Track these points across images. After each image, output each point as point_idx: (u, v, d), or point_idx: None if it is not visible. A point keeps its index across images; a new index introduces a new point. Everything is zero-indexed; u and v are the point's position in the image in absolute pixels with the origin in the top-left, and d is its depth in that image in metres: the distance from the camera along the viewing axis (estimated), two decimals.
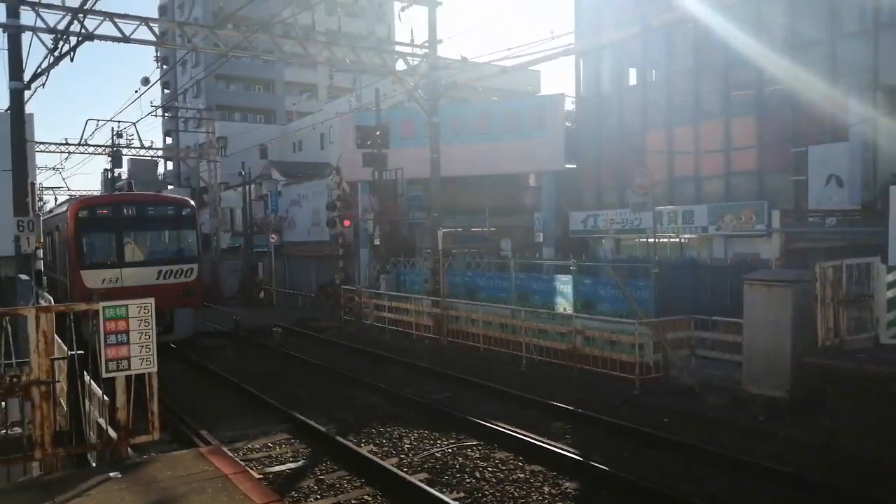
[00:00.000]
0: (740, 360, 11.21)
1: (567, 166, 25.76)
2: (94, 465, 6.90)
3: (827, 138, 17.76)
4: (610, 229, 23.74)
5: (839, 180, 16.92)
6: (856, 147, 16.22)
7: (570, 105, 29.22)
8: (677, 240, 21.71)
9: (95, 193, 71.67)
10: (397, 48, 20.50)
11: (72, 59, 15.88)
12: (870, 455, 8.53)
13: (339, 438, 9.91)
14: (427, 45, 19.47)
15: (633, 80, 25.00)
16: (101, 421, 6.98)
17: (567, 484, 8.21)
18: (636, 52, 24.18)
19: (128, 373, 6.30)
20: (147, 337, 6.29)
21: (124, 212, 17.89)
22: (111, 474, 5.90)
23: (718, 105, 21.30)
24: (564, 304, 16.08)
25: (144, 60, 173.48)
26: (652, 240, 17.36)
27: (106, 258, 17.49)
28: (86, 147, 36.89)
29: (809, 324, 9.80)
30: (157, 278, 17.69)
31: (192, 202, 20.24)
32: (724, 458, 8.70)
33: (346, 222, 24.64)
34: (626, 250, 23.30)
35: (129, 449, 6.49)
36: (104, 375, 6.26)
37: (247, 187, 35.19)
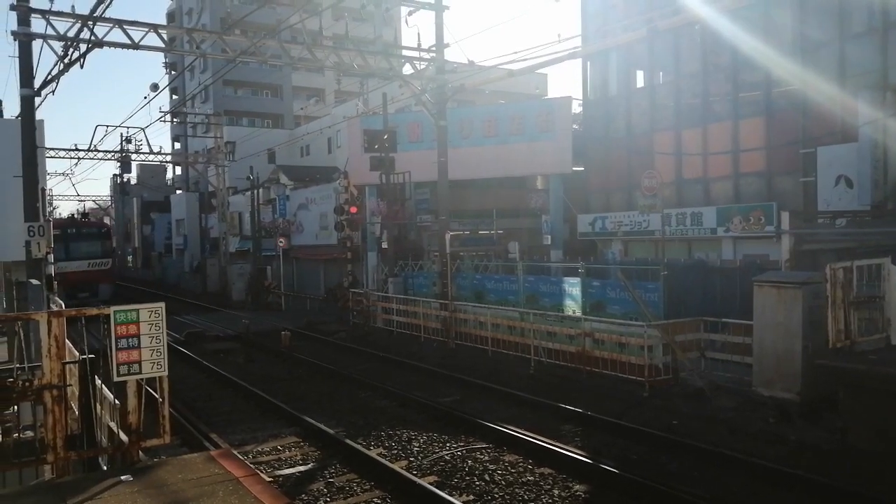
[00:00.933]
0: (750, 362, 11.17)
1: (574, 169, 25.71)
2: (105, 468, 6.94)
3: (836, 139, 17.66)
4: (618, 231, 23.68)
5: (848, 181, 16.83)
6: (865, 148, 16.13)
7: (577, 108, 29.23)
8: (685, 241, 21.63)
9: (105, 198, 71.94)
10: (404, 52, 20.56)
11: (81, 66, 16.00)
12: (883, 457, 8.47)
13: (349, 441, 9.92)
14: (434, 49, 19.51)
15: (640, 83, 24.95)
16: (113, 425, 7.01)
17: (577, 486, 8.19)
18: (643, 55, 24.13)
19: (139, 376, 6.33)
20: (158, 341, 6.31)
21: (69, 231, 32.85)
22: (122, 478, 5.93)
23: (726, 107, 21.22)
24: (573, 307, 16.06)
25: (153, 66, 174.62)
26: (661, 242, 17.30)
27: (59, 257, 26.06)
28: (95, 153, 37.14)
29: (820, 326, 9.75)
30: (88, 267, 32.21)
31: (108, 224, 35.85)
32: (735, 460, 8.66)
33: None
34: (634, 252, 23.24)
35: (140, 452, 6.52)
36: (115, 379, 6.29)
37: (255, 191, 35.30)
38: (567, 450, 9.28)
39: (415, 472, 8.73)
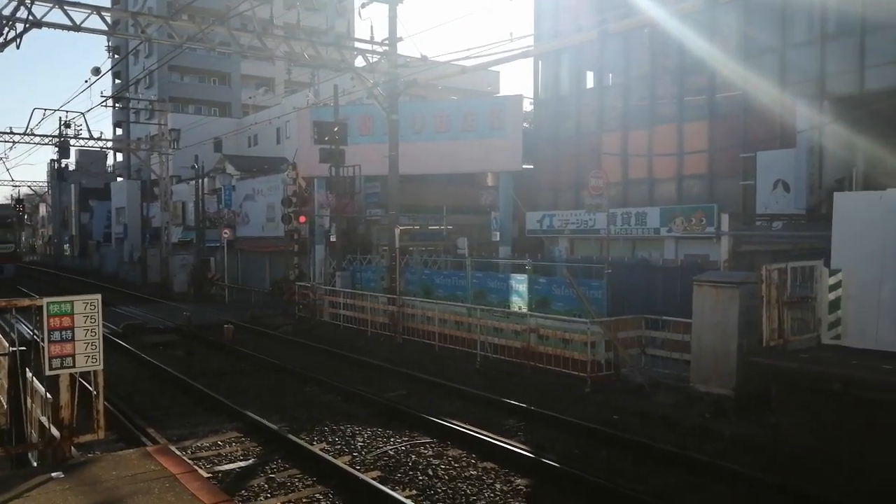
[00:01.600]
0: (689, 359, 11.47)
1: (524, 167, 25.96)
2: (35, 465, 6.70)
3: (776, 144, 18.27)
4: (565, 229, 24.00)
5: (786, 185, 17.43)
6: (802, 153, 16.73)
7: (528, 106, 29.50)
8: (630, 240, 22.08)
9: (41, 184, 69.41)
10: (357, 45, 20.34)
11: (17, 47, 15.32)
12: (811, 452, 8.82)
13: (291, 436, 9.80)
14: (387, 42, 19.38)
15: (590, 84, 25.32)
16: (44, 419, 6.77)
17: (519, 481, 8.28)
18: (594, 56, 24.47)
19: (72, 370, 6.12)
20: (94, 334, 6.12)
21: None
22: (53, 474, 5.73)
23: (672, 109, 21.71)
24: (520, 303, 16.23)
25: (95, 49, 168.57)
26: (606, 240, 17.60)
27: None
28: (32, 136, 35.67)
29: (755, 324, 10.07)
30: None
31: (16, 212, 42.89)
32: (672, 455, 8.89)
33: (302, 218, 24.33)
34: (580, 250, 23.60)
35: (72, 448, 6.31)
36: (48, 373, 6.07)
37: (200, 181, 34.51)
38: (510, 444, 9.38)
39: (358, 468, 8.69)
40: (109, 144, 45.48)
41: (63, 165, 52.61)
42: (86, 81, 45.06)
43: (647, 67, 22.62)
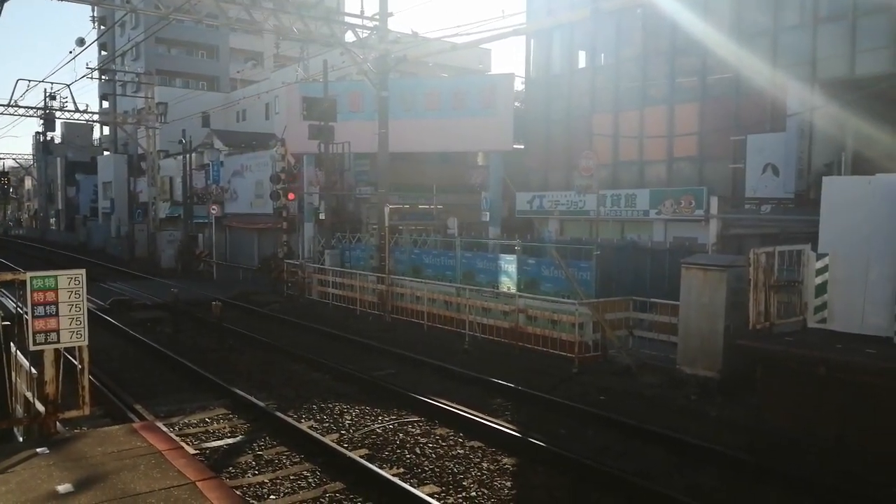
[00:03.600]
0: (676, 341, 11.55)
1: (515, 146, 25.86)
2: (20, 440, 6.66)
3: (766, 127, 18.29)
4: (555, 210, 24.00)
5: (775, 169, 17.48)
6: (792, 137, 16.76)
7: (519, 85, 29.31)
8: (619, 222, 22.13)
9: (26, 156, 68.62)
10: (347, 19, 20.10)
11: None
12: (794, 433, 8.93)
13: (279, 414, 9.80)
14: (377, 17, 19.15)
15: (582, 63, 25.18)
16: (29, 394, 6.72)
17: (505, 460, 8.33)
18: (586, 35, 24.32)
19: (57, 346, 6.07)
20: (78, 309, 6.06)
21: None
22: (39, 450, 5.69)
23: (664, 91, 21.65)
24: (508, 284, 16.25)
25: (80, 20, 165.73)
26: (595, 222, 17.64)
27: None
28: (16, 108, 35.14)
29: (742, 307, 10.14)
30: None
31: None
32: (658, 435, 8.97)
33: (291, 196, 24.13)
34: (569, 231, 23.63)
35: (58, 424, 6.28)
36: (31, 348, 6.02)
37: (187, 156, 34.17)
38: (497, 424, 9.42)
39: (346, 446, 8.70)
40: (95, 117, 44.89)
41: (48, 138, 51.94)
42: (70, 52, 44.49)
43: (639, 48, 22.51)
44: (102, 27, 52.63)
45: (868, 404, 8.40)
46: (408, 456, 8.47)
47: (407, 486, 7.25)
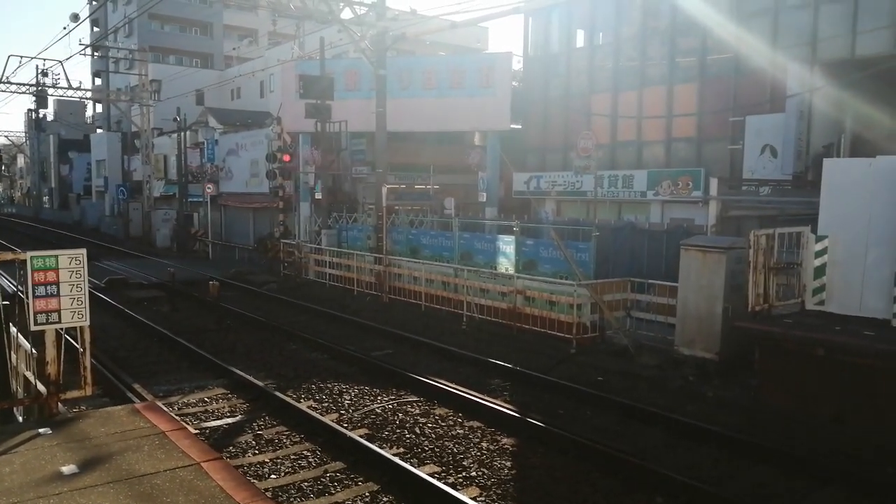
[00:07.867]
0: (674, 322, 11.57)
1: (512, 126, 25.70)
2: (21, 420, 6.65)
3: (765, 109, 18.21)
4: (552, 191, 23.94)
5: (773, 151, 17.45)
6: (791, 119, 16.71)
7: (517, 64, 29.06)
8: (616, 203, 22.10)
9: (18, 134, 68.13)
10: None
11: None
12: (791, 414, 9.00)
13: (278, 394, 9.82)
14: None
15: (580, 43, 24.97)
16: (30, 375, 6.70)
17: (505, 440, 8.38)
18: (585, 14, 24.10)
19: (58, 326, 6.04)
20: (79, 289, 6.02)
21: None
22: (41, 430, 5.68)
23: (662, 71, 21.51)
24: (506, 264, 16.24)
25: None
26: (593, 203, 17.59)
27: None
28: (7, 84, 34.74)
29: (740, 289, 10.17)
30: None
31: None
32: (656, 416, 9.02)
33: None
34: (567, 212, 23.59)
35: (59, 404, 6.26)
36: (32, 328, 5.98)
37: (182, 134, 33.91)
38: (496, 404, 9.46)
39: (345, 425, 8.73)
40: (88, 95, 44.42)
41: (41, 115, 51.48)
42: (64, 28, 43.78)
43: (638, 27, 22.31)
44: (95, 2, 51.90)
45: (866, 386, 8.45)
46: (407, 436, 8.50)
47: (408, 465, 7.28)
